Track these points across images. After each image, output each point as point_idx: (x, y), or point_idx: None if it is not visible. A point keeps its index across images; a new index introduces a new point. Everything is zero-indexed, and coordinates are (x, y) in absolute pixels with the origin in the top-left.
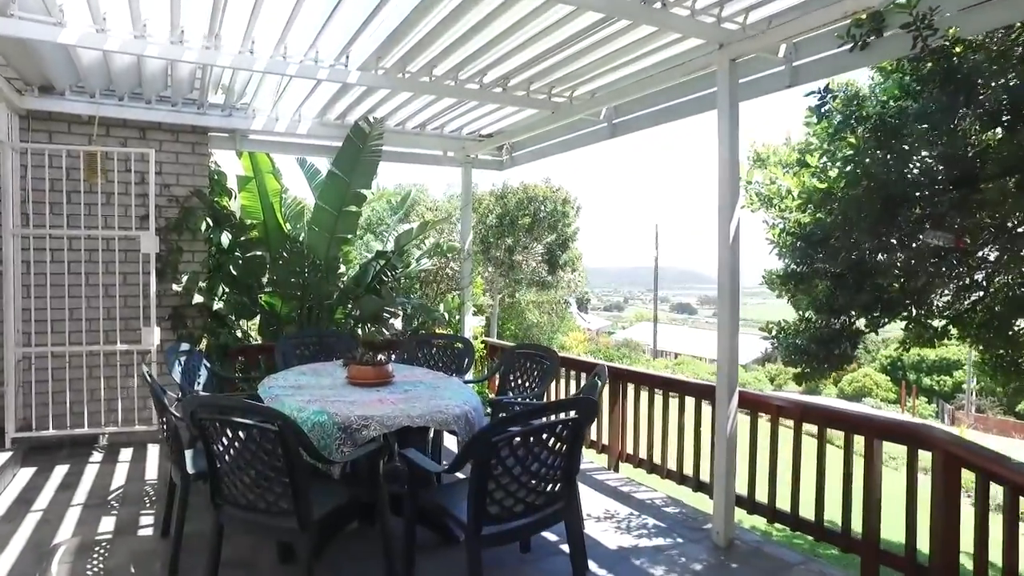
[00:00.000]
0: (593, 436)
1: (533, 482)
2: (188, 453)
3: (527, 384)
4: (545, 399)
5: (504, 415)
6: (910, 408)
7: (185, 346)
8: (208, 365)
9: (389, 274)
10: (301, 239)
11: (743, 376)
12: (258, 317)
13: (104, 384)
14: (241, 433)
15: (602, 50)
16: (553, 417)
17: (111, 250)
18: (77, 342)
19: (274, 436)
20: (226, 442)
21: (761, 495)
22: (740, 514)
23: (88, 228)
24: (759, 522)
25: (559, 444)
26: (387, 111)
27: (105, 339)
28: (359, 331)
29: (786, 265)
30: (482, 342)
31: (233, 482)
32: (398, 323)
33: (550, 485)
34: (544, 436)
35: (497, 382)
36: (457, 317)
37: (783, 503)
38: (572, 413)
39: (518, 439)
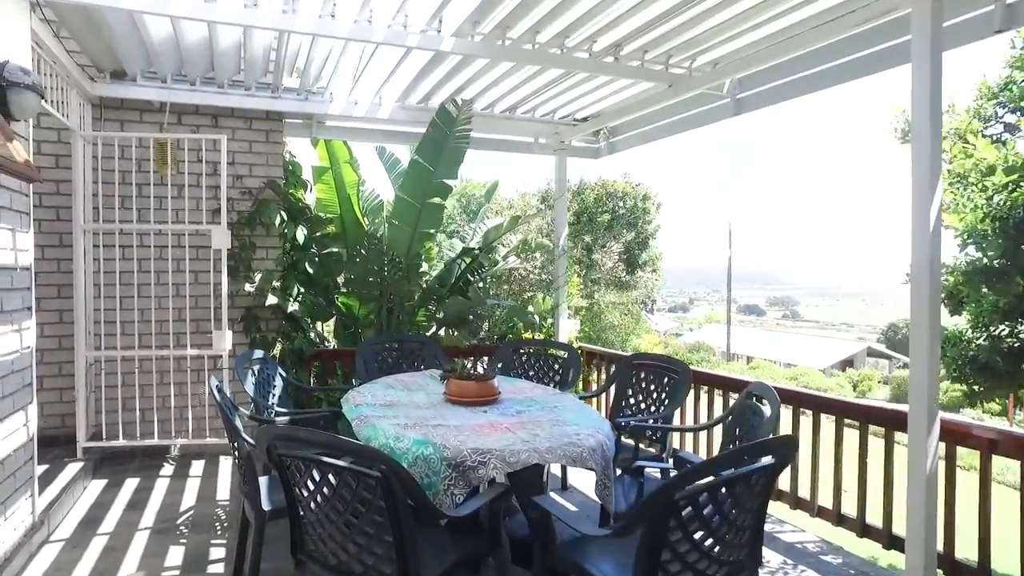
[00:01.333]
0: None
1: (717, 549)
2: (263, 484)
3: (648, 402)
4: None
5: (690, 466)
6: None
7: (258, 353)
8: (283, 375)
9: (475, 273)
10: (380, 234)
11: (821, 381)
12: (333, 319)
13: (175, 391)
14: (332, 477)
15: (730, 9)
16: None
17: (181, 246)
18: (147, 345)
19: (375, 483)
20: (312, 486)
21: (964, 551)
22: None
23: (158, 223)
24: None
25: (751, 499)
26: (474, 92)
27: (176, 342)
28: (442, 335)
29: (972, 258)
30: (578, 348)
31: (320, 536)
32: (482, 327)
33: (735, 552)
34: (736, 489)
35: (609, 398)
36: (549, 320)
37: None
38: (768, 458)
39: (704, 494)
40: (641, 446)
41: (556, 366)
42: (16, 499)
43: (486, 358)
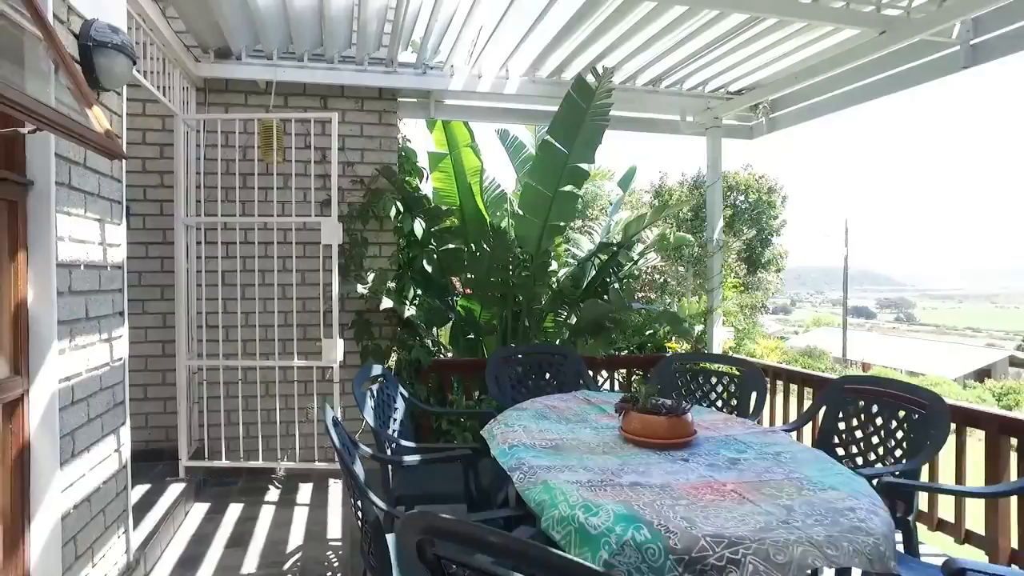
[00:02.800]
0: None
1: None
2: (394, 553)
3: (872, 446)
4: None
5: None
6: None
7: (377, 369)
8: (405, 394)
9: (613, 272)
10: (504, 228)
11: (960, 393)
12: (448, 325)
13: (280, 404)
14: None
15: None
16: None
17: (287, 242)
18: (251, 353)
19: None
20: None
21: None
22: None
23: (263, 216)
24: None
25: None
26: (613, 62)
27: (282, 349)
28: (574, 344)
29: None
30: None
31: None
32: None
33: None
34: None
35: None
36: (698, 328)
37: None
38: None
39: None
40: None
41: (724, 386)
42: (107, 539)
43: (623, 371)
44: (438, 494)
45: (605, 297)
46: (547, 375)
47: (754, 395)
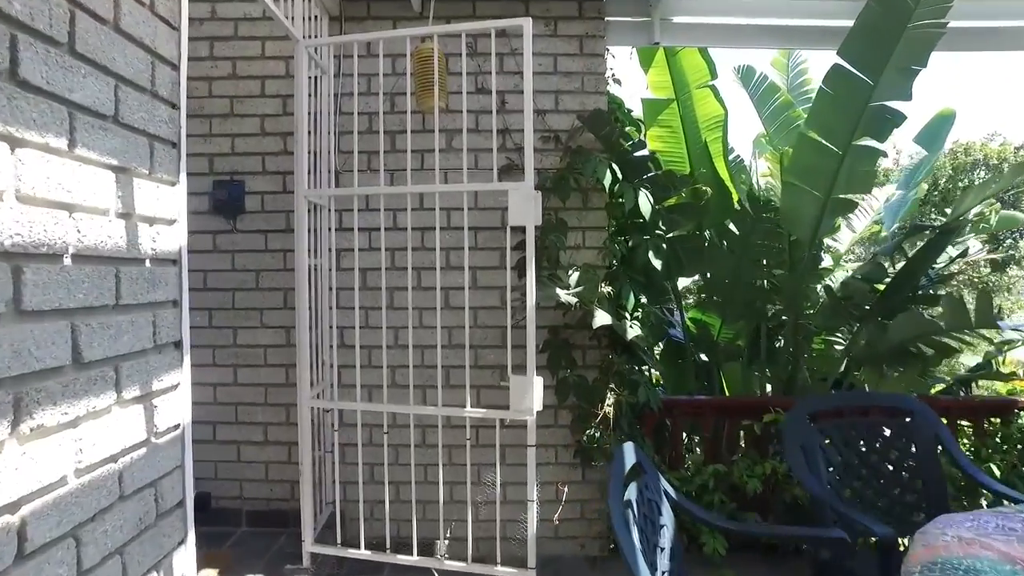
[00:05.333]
0: None
1: None
2: None
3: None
4: None
5: None
6: None
7: (629, 453)
8: (673, 495)
9: (927, 268)
10: (767, 202)
11: None
12: (661, 344)
13: (446, 474)
14: None
15: None
16: None
17: (452, 228)
18: (402, 385)
19: None
20: None
21: None
22: None
23: (418, 185)
24: None
25: None
26: None
27: (445, 382)
28: (858, 375)
29: None
30: None
31: None
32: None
33: None
34: None
35: None
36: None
37: None
38: None
39: None
40: None
41: None
42: None
43: (966, 423)
44: None
45: (922, 308)
46: (878, 443)
47: None
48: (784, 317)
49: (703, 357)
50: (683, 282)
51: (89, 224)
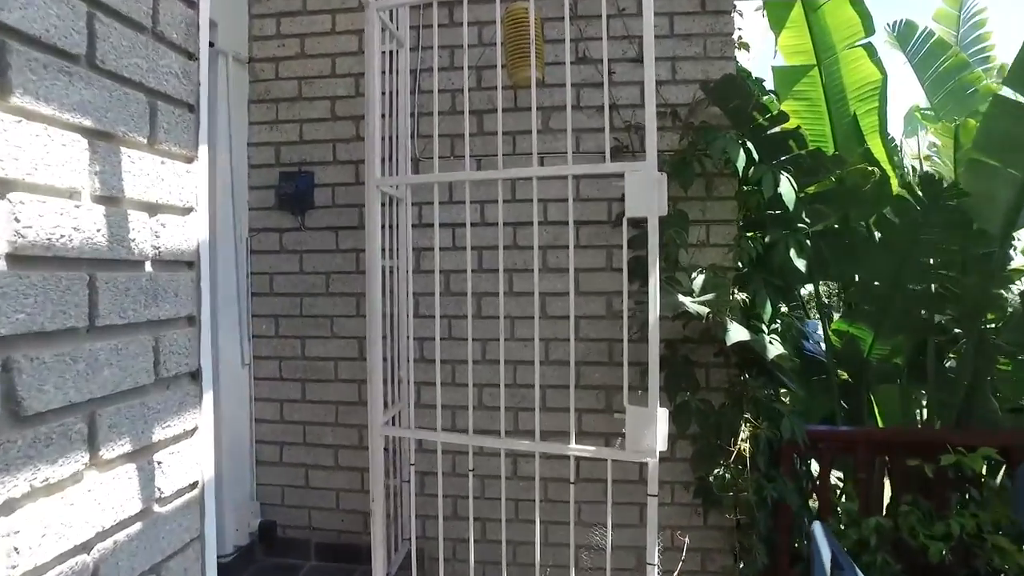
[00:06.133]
0: None
1: None
2: None
3: None
4: None
5: None
6: None
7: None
8: None
9: None
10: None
11: None
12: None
13: (542, 511)
14: None
15: None
16: None
17: (550, 223)
18: (490, 408)
19: None
20: None
21: None
22: None
23: (512, 169)
24: None
25: None
26: None
27: (543, 405)
28: None
29: None
30: None
31: None
32: None
33: None
34: None
35: None
36: None
37: None
38: None
39: None
40: None
41: None
42: None
43: None
44: None
45: None
46: None
47: None
48: (959, 330)
49: (845, 376)
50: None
51: (37, 210)
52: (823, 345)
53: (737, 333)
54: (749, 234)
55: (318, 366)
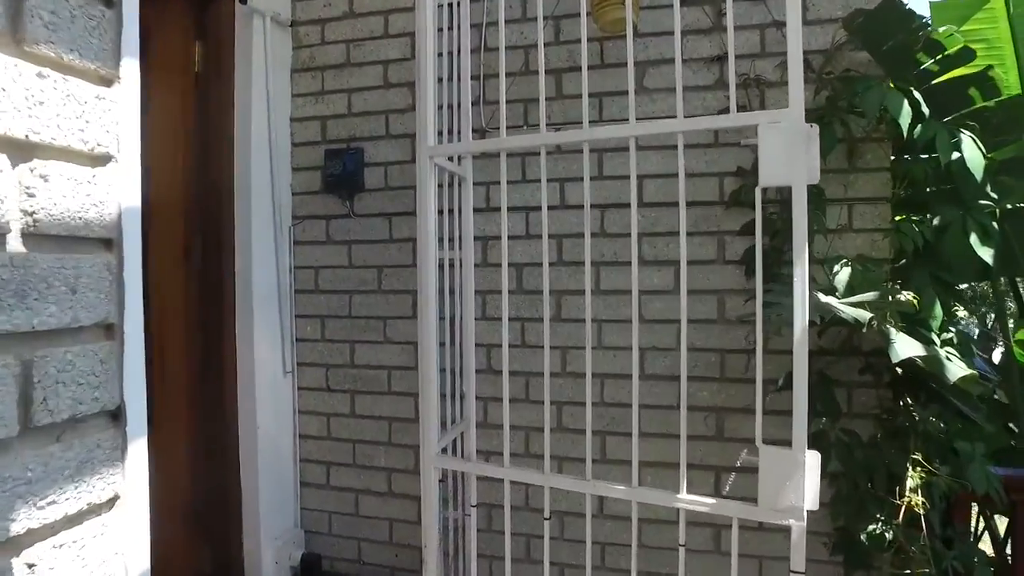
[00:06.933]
0: None
1: None
2: None
3: None
4: None
5: None
6: None
7: None
8: None
9: None
10: None
11: None
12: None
13: (638, 560)
14: None
15: None
16: None
17: (646, 205)
18: (572, 430)
19: None
20: None
21: None
22: None
23: (599, 124)
24: None
25: None
26: None
27: (645, 427)
28: None
29: None
30: None
31: None
32: None
33: None
34: None
35: None
36: None
37: None
38: None
39: None
40: None
41: None
42: None
43: None
44: None
45: None
46: None
47: None
48: None
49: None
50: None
51: None
52: (995, 359)
53: (906, 347)
54: (900, 218)
55: (369, 375)
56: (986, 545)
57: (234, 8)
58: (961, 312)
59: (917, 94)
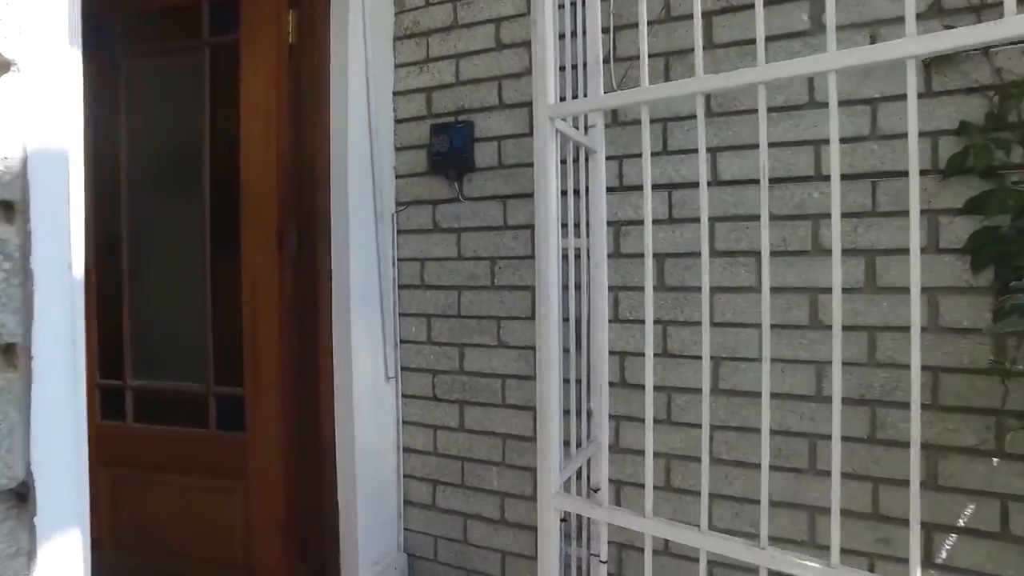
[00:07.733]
0: None
1: None
2: None
3: None
4: None
5: None
6: None
7: None
8: None
9: None
10: None
11: None
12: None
13: None
14: None
15: None
16: None
17: (826, 177)
18: (731, 462)
19: None
20: None
21: None
22: None
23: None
24: None
25: None
26: None
27: (812, 466)
28: None
29: None
30: None
31: None
32: None
33: None
34: None
35: None
36: None
37: None
38: None
39: None
40: None
41: None
42: None
43: None
44: None
45: None
46: None
47: None
48: None
49: None
50: None
51: None
52: None
53: None
54: None
55: (480, 384)
56: None
57: None
58: None
59: None
